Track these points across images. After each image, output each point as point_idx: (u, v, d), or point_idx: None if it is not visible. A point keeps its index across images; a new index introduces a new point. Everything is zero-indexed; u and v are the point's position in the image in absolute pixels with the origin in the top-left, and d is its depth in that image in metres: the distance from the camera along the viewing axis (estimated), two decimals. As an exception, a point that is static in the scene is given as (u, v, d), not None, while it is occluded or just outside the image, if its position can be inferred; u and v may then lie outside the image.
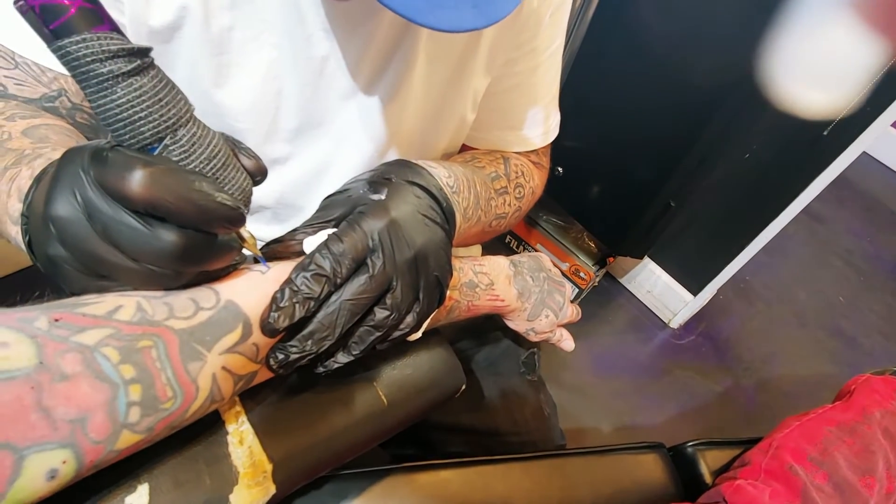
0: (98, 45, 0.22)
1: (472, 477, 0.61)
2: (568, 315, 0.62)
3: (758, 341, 1.73)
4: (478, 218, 0.51)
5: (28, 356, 0.22)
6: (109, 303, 0.26)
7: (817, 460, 0.61)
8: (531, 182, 0.62)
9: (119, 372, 0.24)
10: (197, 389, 0.27)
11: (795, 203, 1.30)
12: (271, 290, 0.32)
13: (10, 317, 0.23)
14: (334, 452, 0.39)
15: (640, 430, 1.42)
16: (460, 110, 0.57)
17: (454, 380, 0.49)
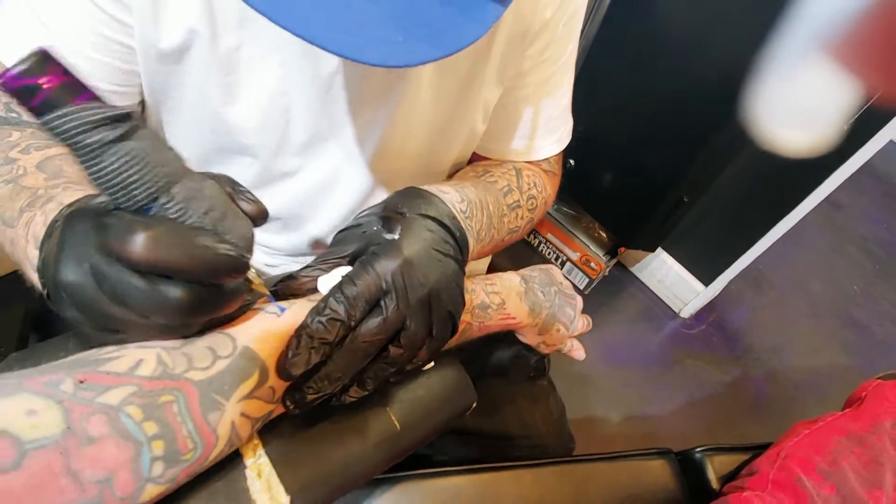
0: (79, 117, 0.23)
1: (483, 483, 0.63)
2: (579, 327, 0.62)
3: (769, 331, 1.73)
4: (491, 237, 0.51)
5: (56, 423, 0.23)
6: (131, 357, 0.27)
7: (825, 471, 0.62)
8: (543, 193, 0.62)
9: (142, 430, 0.25)
10: (216, 438, 0.28)
11: (814, 195, 1.28)
12: (286, 333, 0.32)
13: (37, 381, 0.24)
14: (349, 479, 0.40)
15: (649, 420, 1.43)
16: (470, 122, 0.57)
17: (465, 398, 0.50)
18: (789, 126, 1.05)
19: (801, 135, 1.07)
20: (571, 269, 1.63)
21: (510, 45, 0.50)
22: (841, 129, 1.11)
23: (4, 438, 0.21)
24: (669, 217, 1.26)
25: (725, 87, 1.10)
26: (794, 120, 1.05)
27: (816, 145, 1.08)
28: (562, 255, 1.63)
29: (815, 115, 1.04)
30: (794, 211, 1.32)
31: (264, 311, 0.33)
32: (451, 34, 0.29)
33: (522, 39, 0.51)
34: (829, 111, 1.01)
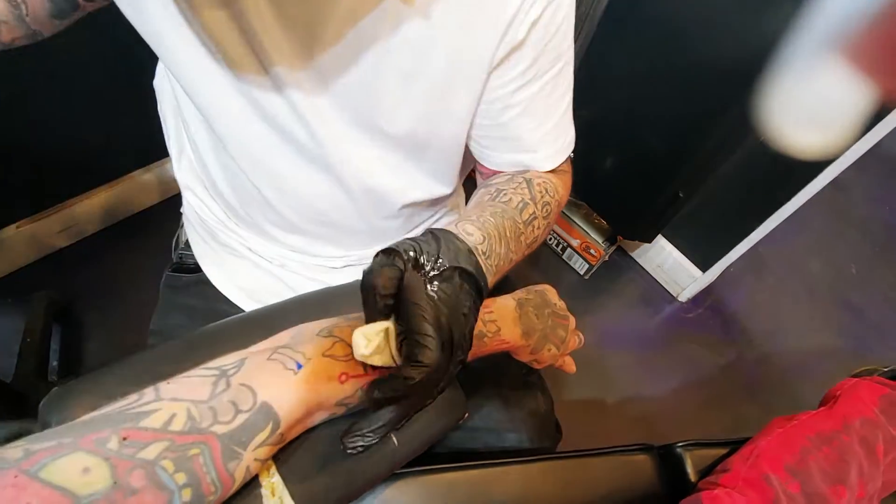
0: None
1: (475, 478, 0.68)
2: (570, 346, 0.65)
3: (765, 314, 1.77)
4: (510, 260, 0.53)
5: (105, 478, 0.28)
6: (165, 412, 0.32)
7: (792, 469, 0.67)
8: (556, 196, 0.62)
9: (174, 480, 0.30)
10: (234, 482, 0.34)
11: (817, 181, 1.29)
12: (299, 389, 0.37)
13: (88, 440, 0.29)
14: (352, 490, 0.45)
15: (643, 402, 1.49)
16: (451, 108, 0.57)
17: (458, 412, 0.55)
18: (803, 128, 1.06)
19: (815, 137, 1.08)
20: (572, 255, 1.66)
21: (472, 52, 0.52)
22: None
23: (65, 496, 0.26)
24: (665, 211, 1.29)
25: (723, 83, 1.11)
26: (809, 122, 1.06)
27: (830, 147, 1.09)
28: (562, 242, 1.66)
29: (830, 118, 1.04)
30: (795, 198, 1.34)
31: (284, 367, 0.38)
32: None
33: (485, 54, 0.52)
34: (844, 113, 1.02)
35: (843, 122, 1.01)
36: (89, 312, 1.31)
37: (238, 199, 0.66)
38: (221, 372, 0.36)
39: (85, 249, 1.38)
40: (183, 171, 0.71)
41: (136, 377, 0.38)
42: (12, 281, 1.29)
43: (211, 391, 0.34)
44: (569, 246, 1.65)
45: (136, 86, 0.79)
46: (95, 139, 1.26)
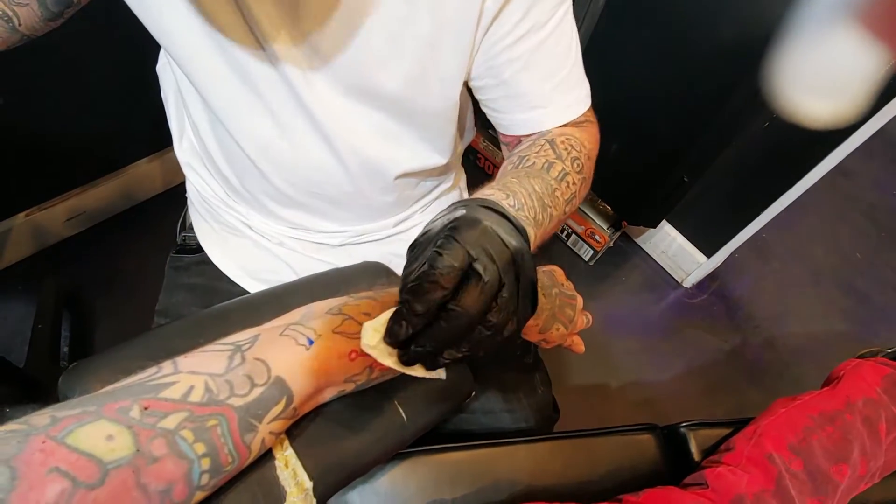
0: None
1: (481, 458, 0.70)
2: (578, 325, 0.65)
3: (770, 300, 1.77)
4: (550, 216, 0.52)
5: (128, 445, 0.29)
6: (184, 384, 0.33)
7: (795, 448, 0.68)
8: (584, 149, 0.60)
9: (194, 449, 0.31)
10: (250, 453, 0.35)
11: (822, 165, 1.28)
12: (312, 364, 0.38)
13: (112, 409, 0.30)
14: (362, 464, 0.46)
15: (647, 387, 1.50)
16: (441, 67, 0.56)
17: (465, 388, 0.56)
18: (813, 95, 1.05)
19: (826, 104, 1.06)
20: (577, 241, 1.67)
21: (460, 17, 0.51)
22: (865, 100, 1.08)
23: (91, 460, 0.27)
24: (670, 196, 1.29)
25: (727, 64, 1.11)
26: (819, 89, 1.04)
27: (841, 115, 1.07)
28: (567, 228, 1.67)
29: (841, 84, 1.03)
30: (800, 182, 1.34)
31: (296, 342, 0.39)
32: None
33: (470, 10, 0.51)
34: (855, 80, 1.00)
35: (856, 89, 1.00)
36: (98, 299, 1.33)
37: (236, 174, 0.67)
38: (236, 347, 0.37)
39: (92, 237, 1.39)
40: (184, 150, 0.72)
41: (152, 353, 0.39)
42: (22, 269, 1.31)
43: (227, 365, 0.35)
44: (574, 232, 1.66)
45: (141, 75, 0.79)
46: (101, 129, 1.27)
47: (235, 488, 0.39)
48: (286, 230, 0.71)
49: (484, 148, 1.73)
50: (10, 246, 1.27)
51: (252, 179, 0.66)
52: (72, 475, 0.26)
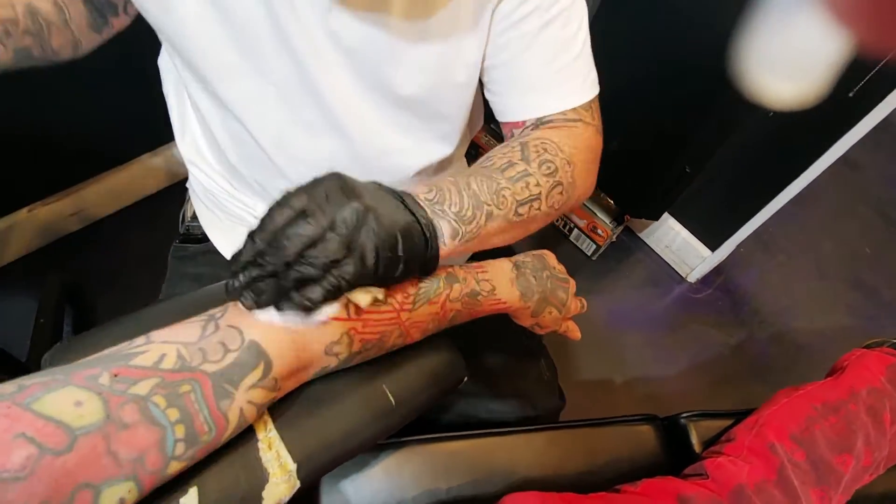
0: None
1: (478, 447, 0.69)
2: (572, 309, 0.64)
3: (776, 294, 1.75)
4: (488, 213, 0.51)
5: (97, 411, 0.28)
6: (155, 352, 0.32)
7: (798, 438, 0.66)
8: (561, 153, 0.58)
9: (166, 416, 0.30)
10: (227, 422, 0.34)
11: (825, 157, 1.26)
12: (287, 328, 0.37)
13: (80, 376, 0.29)
14: (348, 448, 0.46)
15: (652, 382, 1.48)
16: (454, 72, 0.57)
17: (456, 374, 0.55)
18: (777, 77, 1.04)
19: (790, 86, 1.06)
20: (579, 235, 1.66)
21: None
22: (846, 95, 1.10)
23: (59, 427, 0.27)
24: (672, 187, 1.28)
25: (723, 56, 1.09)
26: (783, 71, 1.04)
27: (805, 97, 1.07)
28: (569, 223, 1.65)
29: (805, 66, 1.03)
30: (804, 175, 1.32)
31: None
32: None
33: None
34: (819, 62, 1.00)
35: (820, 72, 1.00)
36: (100, 294, 1.33)
37: (247, 166, 0.66)
38: (209, 316, 0.37)
39: (95, 233, 1.39)
40: (186, 144, 0.72)
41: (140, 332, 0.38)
42: (25, 264, 1.31)
43: (200, 333, 0.35)
44: (575, 226, 1.64)
45: (143, 69, 0.79)
46: (104, 123, 1.27)
47: (217, 468, 0.38)
48: None
49: (486, 143, 1.72)
50: (13, 241, 1.28)
51: (264, 171, 0.65)
52: (38, 441, 0.26)
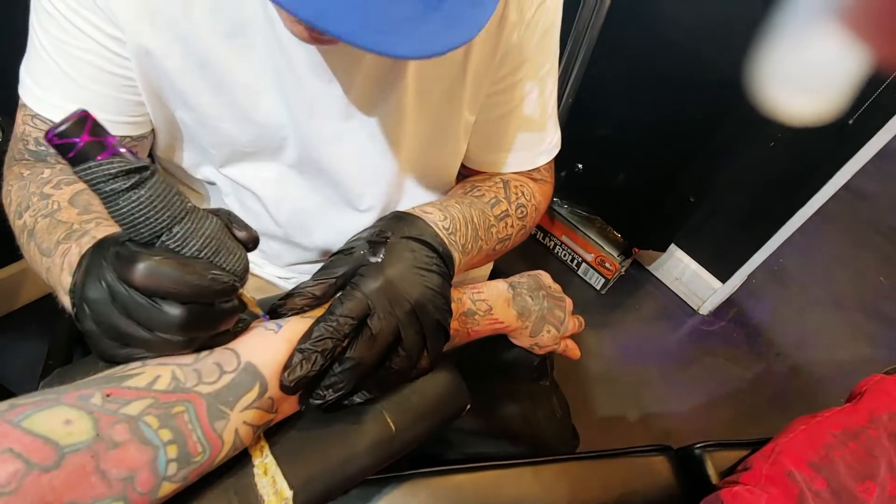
0: (101, 170, 0.28)
1: (485, 481, 0.67)
2: (570, 328, 0.65)
3: (791, 326, 1.72)
4: (479, 248, 0.55)
5: (87, 430, 0.28)
6: (149, 374, 0.32)
7: (817, 466, 0.64)
8: (533, 200, 0.64)
9: (159, 436, 0.30)
10: (222, 443, 0.33)
11: (830, 184, 1.27)
12: (283, 348, 0.37)
13: (72, 395, 0.29)
14: (347, 477, 0.44)
15: (668, 418, 1.44)
16: (453, 140, 0.60)
17: (459, 401, 0.54)
18: (795, 93, 1.06)
19: (807, 102, 1.08)
20: (587, 269, 1.65)
21: (480, 68, 0.54)
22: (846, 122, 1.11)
23: (47, 444, 0.27)
24: (677, 217, 1.28)
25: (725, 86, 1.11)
26: (801, 87, 1.05)
27: (822, 113, 1.08)
28: (577, 257, 1.65)
29: (822, 82, 1.04)
30: (810, 202, 1.31)
31: (265, 328, 0.38)
32: (467, 22, 0.34)
33: (490, 63, 0.54)
34: (836, 78, 1.02)
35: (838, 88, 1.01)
36: (109, 337, 1.34)
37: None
38: None
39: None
40: None
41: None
42: (36, 308, 1.33)
43: (195, 356, 0.35)
44: (583, 261, 1.64)
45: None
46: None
47: (211, 493, 0.37)
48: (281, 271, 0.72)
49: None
50: (25, 285, 1.30)
51: (275, 242, 0.66)
52: (25, 457, 0.26)
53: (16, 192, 0.48)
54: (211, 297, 0.32)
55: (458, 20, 0.33)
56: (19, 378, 1.21)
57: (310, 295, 0.41)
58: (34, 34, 0.47)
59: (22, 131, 0.50)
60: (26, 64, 0.49)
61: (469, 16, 0.34)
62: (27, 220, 0.44)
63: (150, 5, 0.43)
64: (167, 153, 0.58)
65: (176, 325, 0.31)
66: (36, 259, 0.42)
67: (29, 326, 1.31)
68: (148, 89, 0.49)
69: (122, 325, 0.31)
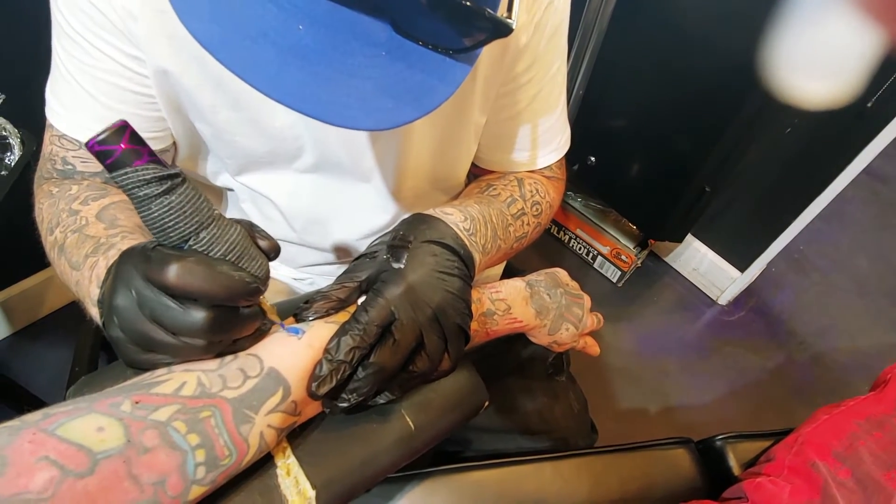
0: (136, 176, 0.30)
1: (505, 477, 0.67)
2: (588, 325, 0.65)
3: (813, 314, 1.69)
4: (498, 247, 0.55)
5: (118, 436, 0.29)
6: (176, 380, 0.33)
7: (841, 456, 0.63)
8: (547, 197, 0.65)
9: (187, 441, 0.31)
10: (248, 446, 0.34)
11: (850, 169, 1.25)
12: (305, 354, 0.38)
13: (104, 403, 0.30)
14: (368, 475, 0.45)
15: (688, 410, 1.43)
16: (465, 142, 0.61)
17: (477, 398, 0.54)
18: (811, 77, 1.04)
19: (823, 85, 1.06)
20: (603, 262, 1.64)
21: (490, 71, 0.54)
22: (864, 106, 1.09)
23: (81, 450, 0.27)
24: (693, 207, 1.27)
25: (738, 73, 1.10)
26: (816, 70, 1.04)
27: (838, 95, 1.07)
28: (592, 250, 1.64)
29: (838, 64, 1.03)
30: (829, 188, 1.29)
31: (286, 334, 0.39)
32: (428, 97, 0.34)
33: (500, 66, 0.54)
34: (852, 60, 1.00)
35: (854, 70, 0.99)
36: (133, 342, 1.36)
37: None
38: None
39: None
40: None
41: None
42: (62, 315, 1.36)
43: (220, 361, 0.35)
44: (599, 254, 1.63)
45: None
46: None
47: (236, 495, 0.38)
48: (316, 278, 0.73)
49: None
50: (50, 293, 1.33)
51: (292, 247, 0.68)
52: (60, 463, 0.27)
53: (46, 209, 0.49)
54: (238, 296, 0.33)
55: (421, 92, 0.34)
56: (48, 384, 1.24)
57: (334, 298, 0.42)
58: (57, 57, 0.48)
59: (50, 151, 0.52)
60: (51, 86, 0.51)
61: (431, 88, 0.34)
62: (57, 236, 0.46)
63: (167, 27, 0.44)
64: (187, 163, 0.59)
65: (201, 328, 0.32)
66: (66, 273, 0.44)
67: (55, 333, 1.34)
68: (168, 105, 0.50)
69: (148, 330, 0.32)
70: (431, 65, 0.34)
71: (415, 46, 0.34)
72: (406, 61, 0.33)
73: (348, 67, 0.32)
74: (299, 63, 0.31)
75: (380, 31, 0.33)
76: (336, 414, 0.41)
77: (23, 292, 1.27)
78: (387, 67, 0.33)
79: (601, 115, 1.28)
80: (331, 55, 0.31)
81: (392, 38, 0.33)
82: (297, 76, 0.31)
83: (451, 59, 0.35)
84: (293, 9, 0.31)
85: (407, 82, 0.34)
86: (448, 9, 0.31)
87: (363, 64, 0.32)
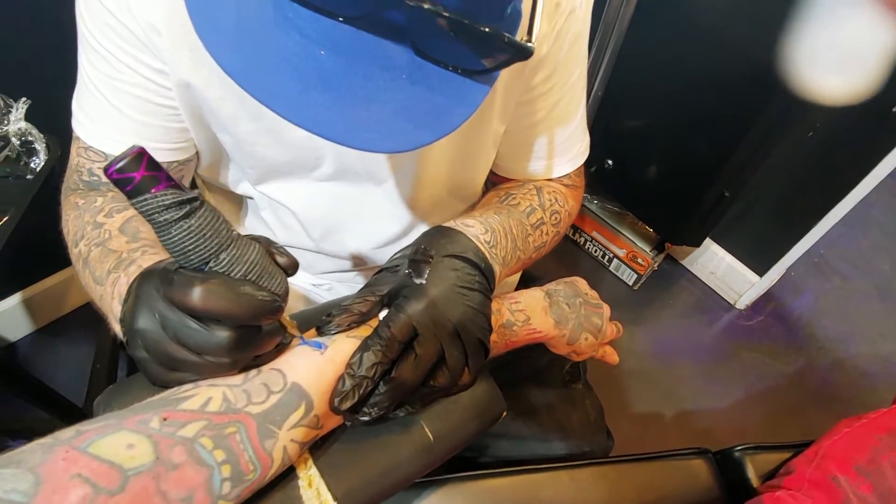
0: (156, 202, 0.30)
1: (521, 484, 0.67)
2: (607, 334, 0.64)
3: (834, 318, 1.67)
4: (517, 258, 0.55)
5: (148, 453, 0.30)
6: (202, 396, 0.34)
7: (863, 470, 0.62)
8: (566, 206, 0.65)
9: (213, 456, 0.31)
10: (272, 461, 0.35)
11: (874, 174, 1.22)
12: (327, 368, 0.38)
13: (133, 420, 0.31)
14: (388, 486, 0.45)
15: (705, 415, 1.42)
16: (484, 152, 0.61)
17: (496, 408, 0.54)
18: (830, 72, 1.03)
19: (843, 81, 1.04)
20: (619, 265, 1.63)
21: (510, 80, 0.54)
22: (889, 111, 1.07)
23: (112, 468, 0.28)
24: (712, 212, 1.25)
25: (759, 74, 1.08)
26: (836, 65, 1.02)
27: (858, 91, 1.05)
28: (608, 253, 1.63)
29: (857, 60, 1.01)
30: (853, 192, 1.27)
31: (310, 348, 0.39)
32: (446, 118, 0.34)
33: (520, 75, 0.54)
34: (873, 55, 0.99)
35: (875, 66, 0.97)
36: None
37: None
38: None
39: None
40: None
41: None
42: (82, 313, 1.39)
43: (244, 376, 0.36)
44: (615, 256, 1.62)
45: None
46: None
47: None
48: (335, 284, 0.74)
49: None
50: (71, 292, 1.36)
51: (309, 255, 0.69)
52: (93, 481, 0.27)
53: (72, 221, 0.50)
54: (261, 316, 0.33)
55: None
56: (70, 381, 1.27)
57: (356, 312, 0.42)
58: (83, 70, 0.49)
59: (76, 163, 0.53)
60: (77, 99, 0.52)
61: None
62: (82, 249, 0.46)
63: (189, 42, 0.45)
64: (209, 172, 0.60)
65: (225, 347, 0.32)
66: (91, 286, 0.45)
67: (77, 331, 1.36)
68: (190, 116, 0.51)
69: (173, 351, 0.32)
70: (451, 87, 0.34)
71: (435, 69, 0.34)
72: (426, 83, 0.34)
73: (368, 92, 0.32)
74: (321, 88, 0.31)
75: (400, 54, 0.33)
76: (357, 427, 0.41)
77: (45, 290, 1.29)
78: (407, 90, 0.33)
79: (620, 116, 1.27)
80: (351, 80, 0.32)
81: (413, 60, 0.33)
82: (318, 101, 0.31)
83: (471, 80, 0.35)
84: (315, 35, 0.31)
85: (426, 104, 0.34)
86: (469, 34, 0.31)
87: (383, 87, 0.33)
